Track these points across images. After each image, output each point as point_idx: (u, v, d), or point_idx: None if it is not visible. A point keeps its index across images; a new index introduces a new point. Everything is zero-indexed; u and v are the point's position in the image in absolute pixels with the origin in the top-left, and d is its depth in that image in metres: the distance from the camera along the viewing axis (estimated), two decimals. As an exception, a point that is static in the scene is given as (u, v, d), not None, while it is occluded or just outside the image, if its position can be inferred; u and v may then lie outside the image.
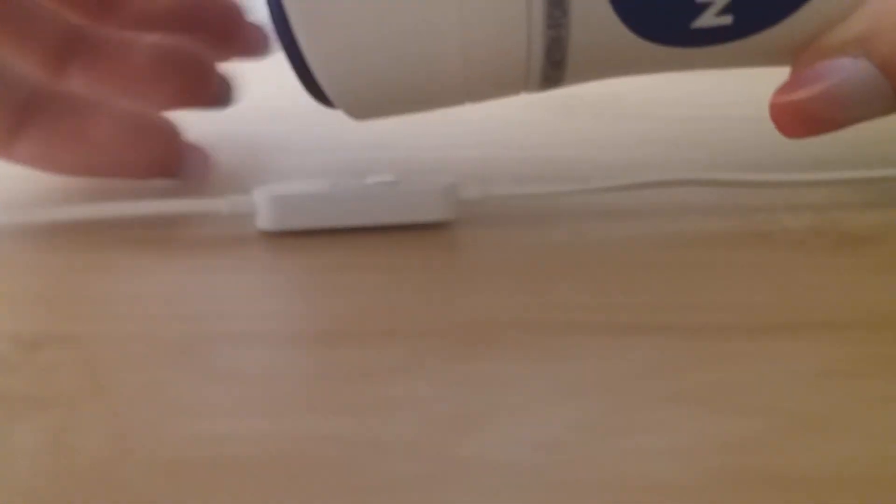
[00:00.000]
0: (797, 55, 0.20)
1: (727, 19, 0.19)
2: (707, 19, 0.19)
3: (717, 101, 0.30)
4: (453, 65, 0.19)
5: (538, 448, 0.13)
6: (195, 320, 0.17)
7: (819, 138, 0.20)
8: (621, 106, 0.29)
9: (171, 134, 0.22)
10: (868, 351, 0.15)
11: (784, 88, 0.19)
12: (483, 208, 0.21)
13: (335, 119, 0.28)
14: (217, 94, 0.25)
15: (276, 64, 0.34)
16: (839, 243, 0.19)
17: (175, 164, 0.22)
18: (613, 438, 0.13)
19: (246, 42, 0.27)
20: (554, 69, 0.20)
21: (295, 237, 0.20)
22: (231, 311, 0.17)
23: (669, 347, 0.16)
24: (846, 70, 0.18)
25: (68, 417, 0.14)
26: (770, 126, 0.20)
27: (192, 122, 0.25)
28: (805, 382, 0.15)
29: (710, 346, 0.16)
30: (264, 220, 0.20)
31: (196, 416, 0.14)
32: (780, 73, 0.20)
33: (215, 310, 0.17)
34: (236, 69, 0.27)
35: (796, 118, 0.19)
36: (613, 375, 0.15)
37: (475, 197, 0.20)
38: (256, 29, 0.27)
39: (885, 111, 0.19)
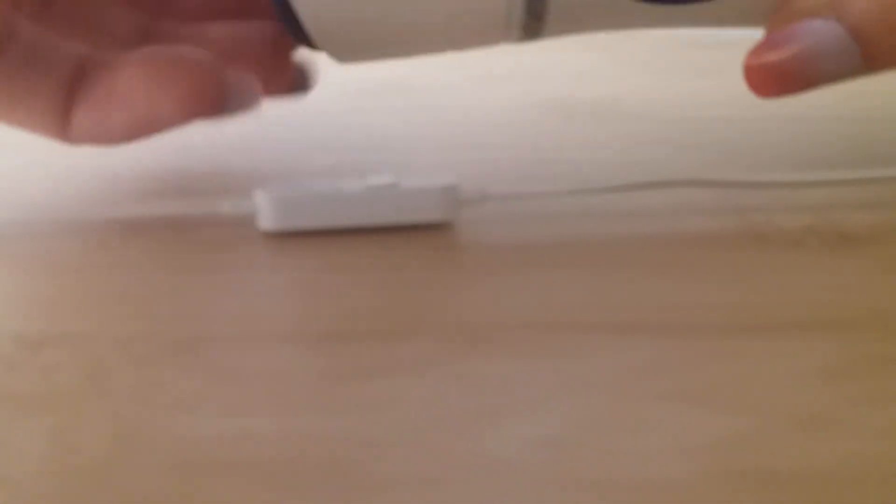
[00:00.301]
0: (771, 16, 0.20)
1: None
2: None
3: (714, 102, 0.30)
4: (434, 7, 0.19)
5: (538, 446, 0.13)
6: (197, 320, 0.17)
7: (815, 139, 0.20)
8: (619, 107, 0.29)
9: (204, 67, 0.20)
10: (865, 350, 0.16)
11: (758, 49, 0.19)
12: (483, 208, 0.21)
13: (335, 120, 0.28)
14: (294, 80, 0.24)
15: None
16: (836, 243, 0.19)
17: (216, 98, 0.20)
18: (613, 436, 0.14)
19: (288, 80, 0.25)
20: (534, 20, 0.20)
21: (296, 237, 0.20)
22: (232, 312, 0.17)
23: (668, 347, 0.16)
24: (818, 32, 0.19)
25: (70, 417, 0.14)
26: (767, 126, 0.20)
27: (195, 125, 0.25)
28: (802, 381, 0.15)
29: (708, 346, 0.16)
30: (266, 220, 0.20)
31: (198, 416, 0.14)
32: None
33: (217, 310, 0.17)
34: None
35: (769, 78, 0.19)
36: (613, 374, 0.15)
37: (475, 197, 0.21)
38: (298, 67, 0.25)
39: (855, 73, 0.19)
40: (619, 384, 0.15)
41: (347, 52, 0.21)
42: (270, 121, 0.29)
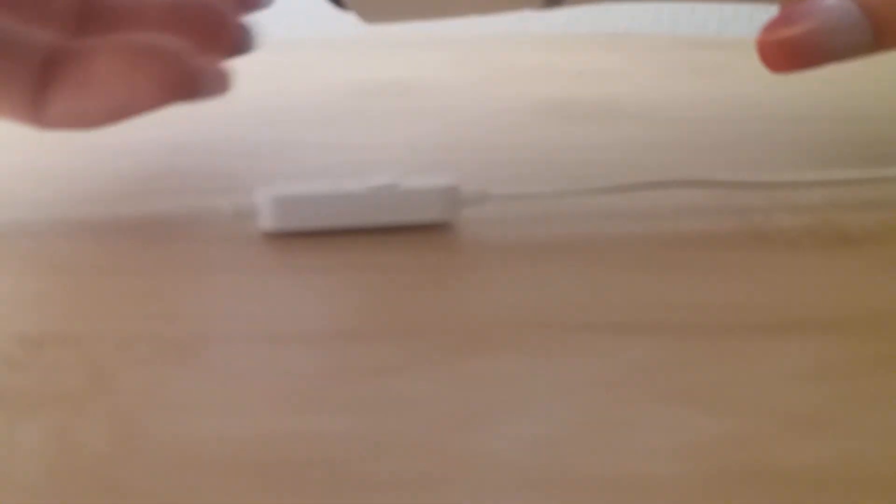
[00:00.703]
0: None
1: None
2: None
3: (714, 102, 0.30)
4: None
5: (537, 445, 0.13)
6: (198, 320, 0.17)
7: (814, 139, 0.20)
8: (619, 107, 0.29)
9: (177, 53, 0.21)
10: (863, 350, 0.16)
11: (772, 25, 0.20)
12: (483, 208, 0.21)
13: (335, 120, 0.28)
14: (236, 42, 0.24)
15: (278, 66, 0.35)
16: (835, 243, 0.19)
17: (190, 83, 0.21)
18: (613, 436, 0.14)
19: (230, 41, 0.25)
20: None
21: (296, 238, 0.20)
22: (233, 312, 0.17)
23: (666, 347, 0.16)
24: (831, 10, 0.19)
25: (72, 416, 0.14)
26: (767, 126, 0.20)
27: (195, 125, 0.25)
28: (800, 381, 0.15)
29: (707, 346, 0.16)
30: (266, 220, 0.20)
31: (198, 415, 0.14)
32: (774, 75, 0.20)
33: (217, 310, 0.17)
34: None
35: (782, 54, 0.20)
36: (612, 374, 0.15)
37: (475, 197, 0.21)
38: (241, 27, 0.26)
39: (865, 50, 0.20)
40: (619, 384, 0.15)
41: (375, 11, 0.21)
42: (270, 121, 0.29)
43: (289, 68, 0.35)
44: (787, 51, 0.20)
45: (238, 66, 0.29)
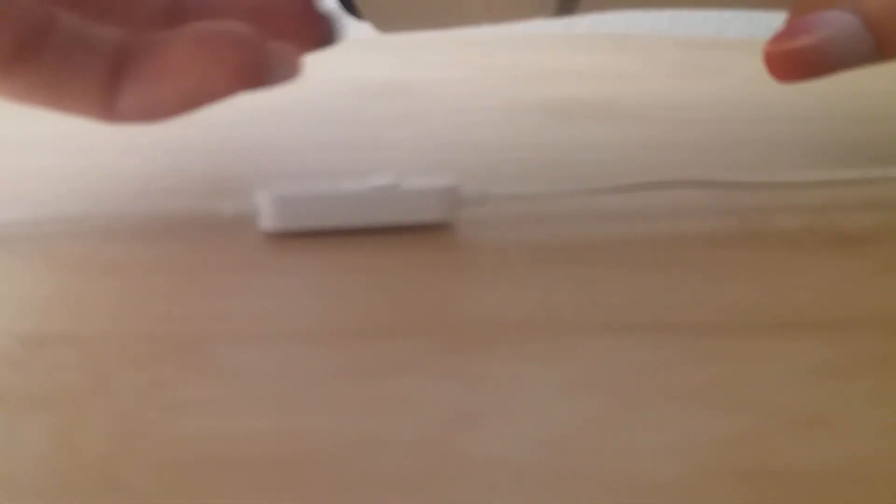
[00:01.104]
0: (792, 4, 0.21)
1: None
2: None
3: (714, 102, 0.30)
4: None
5: (537, 445, 0.13)
6: (198, 320, 0.17)
7: (814, 139, 0.20)
8: (619, 107, 0.29)
9: (249, 39, 0.21)
10: (862, 350, 0.16)
11: (779, 37, 0.21)
12: (483, 208, 0.21)
13: (336, 120, 0.28)
14: (323, 34, 0.24)
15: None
16: (835, 243, 0.19)
17: (262, 69, 0.21)
18: (612, 436, 0.14)
19: (312, 35, 0.25)
20: None
21: (297, 237, 0.20)
22: (233, 312, 0.17)
23: (667, 346, 0.16)
24: (836, 23, 0.20)
25: (73, 415, 0.14)
26: (767, 126, 0.20)
27: (195, 126, 0.25)
28: (800, 381, 0.15)
29: (707, 345, 0.16)
30: (267, 220, 0.20)
31: (199, 415, 0.14)
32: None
33: (218, 309, 0.17)
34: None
35: (789, 65, 0.21)
36: (612, 374, 0.15)
37: (475, 197, 0.21)
38: (324, 19, 0.25)
39: (868, 61, 0.21)
40: (619, 384, 0.15)
41: (389, 21, 0.21)
42: (270, 121, 0.29)
43: None
44: (794, 61, 0.20)
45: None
